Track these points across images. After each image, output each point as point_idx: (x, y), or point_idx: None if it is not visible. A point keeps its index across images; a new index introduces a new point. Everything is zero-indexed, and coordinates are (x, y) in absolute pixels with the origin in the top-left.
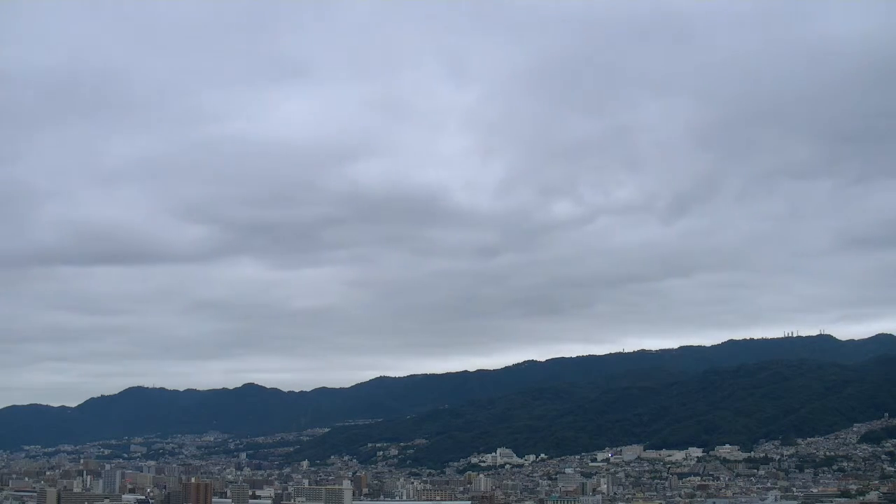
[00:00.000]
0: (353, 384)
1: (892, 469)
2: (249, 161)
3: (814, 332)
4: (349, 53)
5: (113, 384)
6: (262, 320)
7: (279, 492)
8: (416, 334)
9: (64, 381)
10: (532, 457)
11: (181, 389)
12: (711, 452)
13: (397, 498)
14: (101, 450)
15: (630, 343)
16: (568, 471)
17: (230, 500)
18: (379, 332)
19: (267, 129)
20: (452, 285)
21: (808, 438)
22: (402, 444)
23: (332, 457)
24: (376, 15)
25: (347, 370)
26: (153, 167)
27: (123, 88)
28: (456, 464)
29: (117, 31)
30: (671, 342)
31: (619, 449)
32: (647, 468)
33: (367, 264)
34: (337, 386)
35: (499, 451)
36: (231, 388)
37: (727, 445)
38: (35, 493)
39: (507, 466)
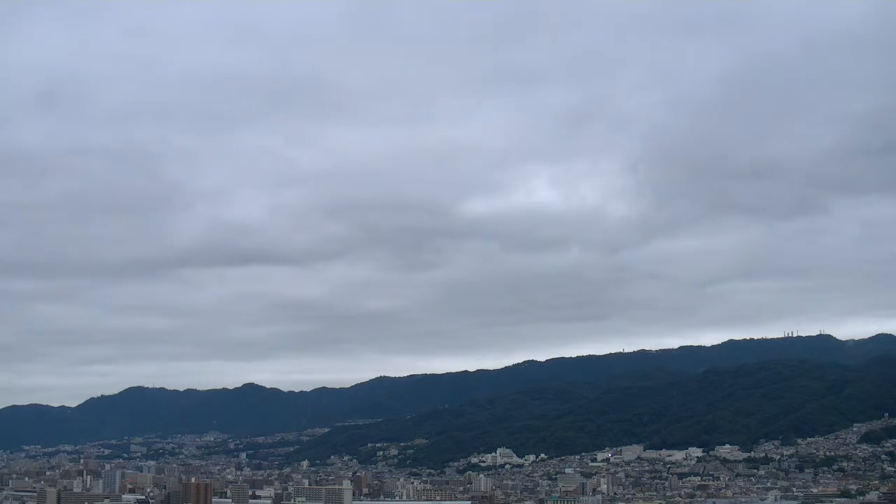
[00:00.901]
0: (353, 384)
1: (892, 469)
2: (420, 166)
3: (814, 332)
4: (561, 62)
5: (113, 384)
6: (325, 321)
7: (279, 492)
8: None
9: (64, 382)
10: (532, 457)
11: (181, 389)
12: (711, 452)
13: (397, 498)
14: (101, 450)
15: (630, 343)
16: (568, 471)
17: (230, 500)
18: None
19: (455, 134)
20: (515, 288)
21: (808, 438)
22: (402, 444)
23: (332, 457)
24: (602, 24)
25: (347, 370)
26: (324, 171)
27: (324, 93)
28: (456, 464)
29: (327, 34)
30: (671, 342)
31: (619, 449)
32: (647, 468)
33: (469, 268)
34: (337, 386)
35: (499, 451)
36: (231, 388)
37: (727, 445)
38: (35, 493)
39: (507, 466)
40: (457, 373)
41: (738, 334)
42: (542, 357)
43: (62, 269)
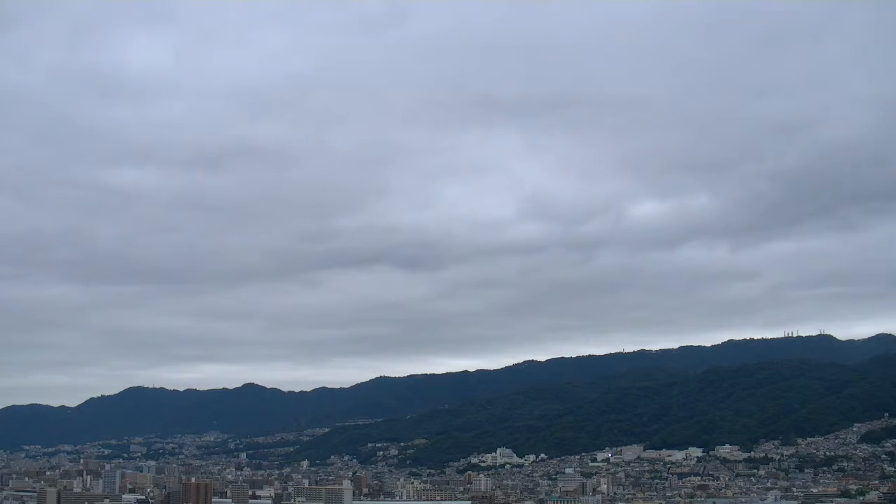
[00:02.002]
0: (353, 384)
1: (892, 469)
2: (617, 174)
3: (814, 332)
4: (792, 76)
5: (113, 384)
6: (376, 325)
7: (279, 492)
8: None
9: (64, 382)
10: (532, 457)
11: (181, 389)
12: (711, 452)
13: (397, 498)
14: (101, 450)
15: (630, 343)
16: (568, 471)
17: (230, 500)
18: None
19: (664, 144)
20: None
21: (808, 438)
22: (402, 444)
23: (332, 457)
24: (838, 37)
25: (347, 370)
26: (534, 179)
27: (562, 102)
28: (456, 464)
29: (576, 45)
30: (671, 342)
31: (619, 449)
32: (647, 468)
33: (564, 275)
34: (337, 386)
35: (499, 451)
36: (231, 388)
37: (727, 445)
38: (35, 493)
39: (507, 466)
40: (457, 373)
41: (738, 334)
42: (542, 357)
43: (192, 273)
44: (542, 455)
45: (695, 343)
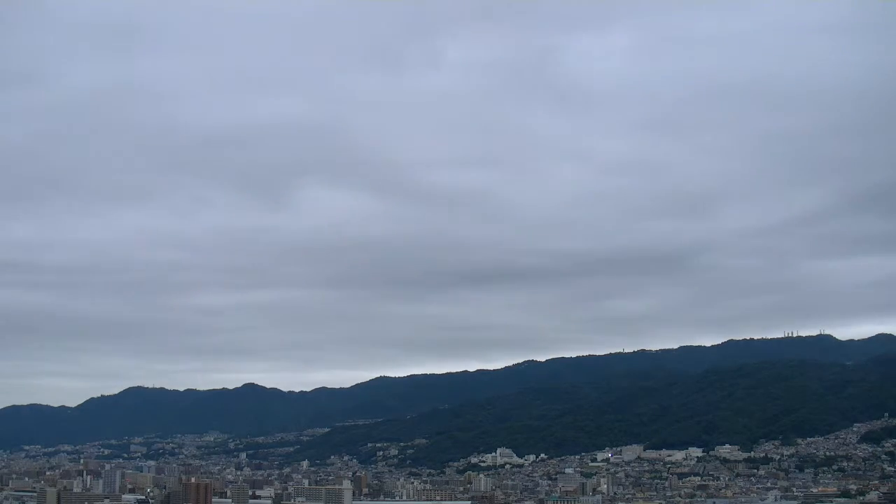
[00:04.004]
0: (353, 384)
1: (892, 469)
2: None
3: (814, 332)
4: None
5: (113, 384)
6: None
7: (279, 492)
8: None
9: (64, 382)
10: (532, 457)
11: (181, 389)
12: (711, 452)
13: (397, 498)
14: (101, 450)
15: (630, 343)
16: (568, 471)
17: (230, 500)
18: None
19: None
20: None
21: (808, 438)
22: (402, 444)
23: (332, 457)
24: None
25: (347, 370)
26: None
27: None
28: (456, 464)
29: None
30: (671, 342)
31: (619, 449)
32: (647, 468)
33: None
34: (337, 386)
35: (499, 451)
36: (231, 388)
37: (727, 445)
38: (35, 493)
39: (507, 466)
40: (457, 373)
41: (738, 334)
42: (542, 357)
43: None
44: (542, 455)
45: (695, 343)
